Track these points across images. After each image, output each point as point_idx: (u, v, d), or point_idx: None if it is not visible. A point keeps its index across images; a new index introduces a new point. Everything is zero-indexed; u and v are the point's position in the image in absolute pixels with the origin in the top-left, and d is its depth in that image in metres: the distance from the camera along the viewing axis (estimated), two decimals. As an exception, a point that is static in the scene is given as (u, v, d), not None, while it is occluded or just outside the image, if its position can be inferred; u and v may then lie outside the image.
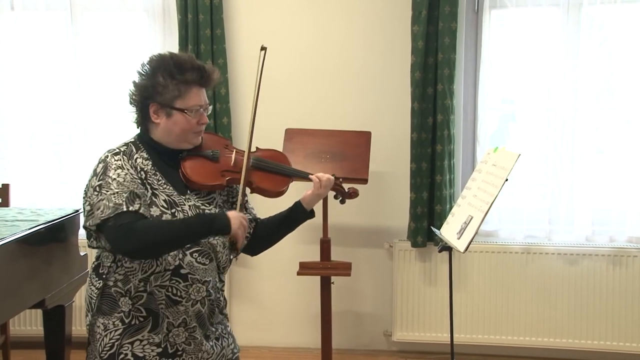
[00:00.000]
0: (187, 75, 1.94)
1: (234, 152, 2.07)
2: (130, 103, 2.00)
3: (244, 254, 2.16)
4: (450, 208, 3.67)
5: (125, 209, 1.82)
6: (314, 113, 3.92)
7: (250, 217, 2.12)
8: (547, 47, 3.85)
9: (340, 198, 2.26)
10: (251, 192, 2.09)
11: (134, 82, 1.98)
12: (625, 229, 3.75)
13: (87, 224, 1.93)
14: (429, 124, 3.79)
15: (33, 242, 2.82)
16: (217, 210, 2.01)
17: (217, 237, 1.97)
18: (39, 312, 3.07)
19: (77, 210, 3.24)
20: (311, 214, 2.15)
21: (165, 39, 3.98)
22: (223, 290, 2.10)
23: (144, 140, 1.99)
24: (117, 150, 1.95)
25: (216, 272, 2.03)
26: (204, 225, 1.88)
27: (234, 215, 1.91)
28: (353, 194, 2.27)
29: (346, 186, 2.30)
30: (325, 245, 3.43)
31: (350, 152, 3.43)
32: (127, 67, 4.08)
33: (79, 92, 4.02)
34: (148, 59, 1.99)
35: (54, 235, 3.01)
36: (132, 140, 2.01)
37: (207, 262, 1.97)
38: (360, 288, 4.05)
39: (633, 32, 3.75)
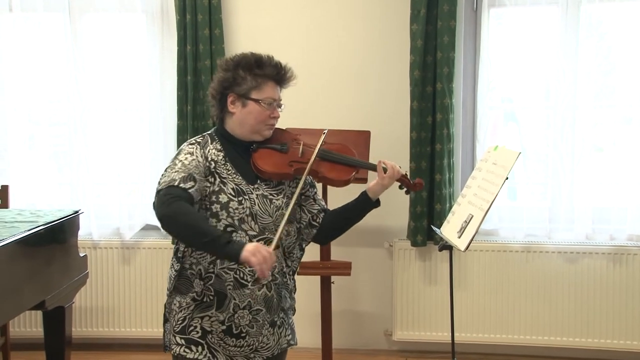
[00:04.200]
0: (265, 70, 2.10)
1: (302, 145, 2.18)
2: (211, 96, 2.15)
3: (314, 242, 2.26)
4: (450, 207, 3.67)
5: (176, 184, 1.96)
6: (313, 112, 3.91)
7: (319, 207, 2.23)
8: (546, 45, 3.85)
9: (405, 189, 2.31)
10: (318, 182, 2.22)
11: (215, 77, 2.14)
12: (626, 227, 3.75)
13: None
14: (428, 122, 3.79)
15: (33, 243, 2.82)
16: (284, 201, 2.12)
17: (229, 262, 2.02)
18: (39, 313, 3.07)
19: (77, 212, 3.24)
20: (376, 203, 2.23)
21: (164, 40, 3.97)
22: (292, 275, 2.21)
23: (220, 133, 2.15)
24: (194, 141, 2.12)
25: (282, 257, 2.15)
26: (219, 240, 1.88)
27: (251, 245, 1.89)
28: (418, 185, 2.30)
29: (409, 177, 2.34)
30: (325, 245, 3.42)
31: (355, 154, 3.41)
32: (126, 68, 4.08)
33: (77, 93, 4.00)
34: (230, 56, 2.16)
35: (54, 237, 3.02)
36: (210, 132, 2.17)
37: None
38: (361, 287, 4.04)
39: (631, 30, 3.75)
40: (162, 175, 2.03)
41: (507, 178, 2.55)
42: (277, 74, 2.11)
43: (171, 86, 3.94)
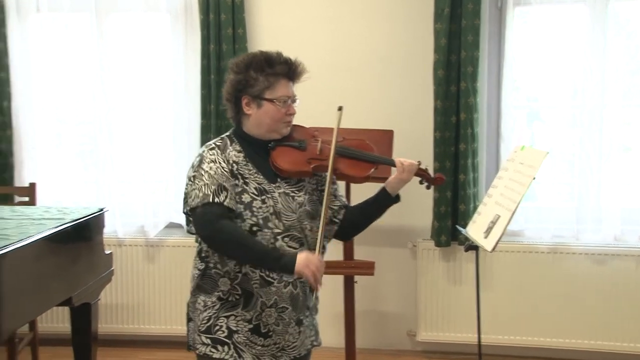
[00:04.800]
0: (276, 68, 2.09)
1: (320, 142, 2.17)
2: (225, 99, 2.15)
3: (335, 239, 2.26)
4: (474, 207, 3.65)
5: (211, 200, 1.99)
6: (335, 111, 3.90)
7: (340, 203, 2.22)
8: (573, 43, 3.81)
9: (426, 184, 2.27)
10: (337, 179, 2.20)
11: (228, 80, 2.13)
12: (655, 228, 3.69)
13: (184, 210, 2.11)
14: (452, 122, 3.77)
15: (59, 240, 2.85)
16: (306, 198, 2.12)
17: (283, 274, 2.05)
18: (66, 309, 3.10)
19: (102, 209, 3.27)
20: (396, 199, 2.21)
21: (187, 39, 3.99)
22: None
23: (237, 134, 2.15)
24: (213, 145, 2.12)
25: None
26: (271, 255, 1.98)
27: (302, 256, 1.96)
28: (438, 180, 2.27)
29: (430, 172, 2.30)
30: (348, 245, 3.42)
31: (375, 150, 3.40)
32: (150, 67, 4.11)
33: (103, 92, 4.04)
34: (240, 57, 2.14)
35: (80, 234, 3.05)
36: (228, 134, 2.17)
37: (297, 246, 2.08)
38: (384, 287, 4.03)
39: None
40: (190, 184, 2.04)
41: (534, 178, 2.53)
42: (289, 71, 2.10)
43: (195, 85, 3.96)
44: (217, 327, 2.07)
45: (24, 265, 2.57)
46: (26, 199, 3.75)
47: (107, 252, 3.30)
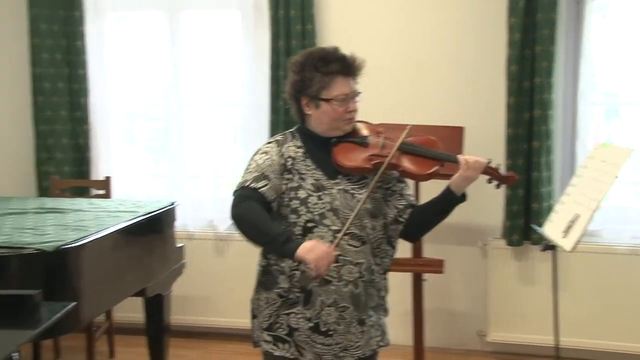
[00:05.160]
0: (330, 67, 2.03)
1: (383, 138, 2.11)
2: (288, 99, 2.15)
3: (403, 239, 2.19)
4: (548, 206, 3.55)
5: (247, 185, 2.01)
6: (405, 107, 3.86)
7: (405, 202, 2.14)
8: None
9: (496, 183, 2.11)
10: (400, 176, 2.14)
11: (288, 79, 2.12)
12: None
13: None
14: (525, 119, 3.66)
15: (134, 232, 2.93)
16: (366, 195, 2.04)
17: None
18: (139, 299, 3.20)
19: (173, 203, 3.34)
20: (462, 198, 2.08)
21: (257, 35, 4.02)
22: (382, 273, 2.14)
23: (301, 130, 2.15)
24: (273, 139, 2.16)
25: (371, 254, 2.08)
26: (278, 238, 1.92)
27: (309, 243, 1.90)
28: (510, 179, 2.11)
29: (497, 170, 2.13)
30: (417, 242, 3.37)
31: (441, 147, 3.34)
32: (221, 63, 4.18)
33: (175, 89, 4.14)
34: (297, 56, 2.12)
35: (153, 227, 3.12)
36: (292, 130, 2.18)
37: (358, 245, 2.04)
38: (453, 286, 3.96)
39: None
40: (243, 172, 2.08)
41: (617, 177, 2.43)
42: (343, 67, 2.03)
43: (264, 81, 3.99)
44: (278, 325, 2.06)
45: (102, 255, 2.65)
46: (102, 191, 3.88)
47: (179, 245, 3.37)
